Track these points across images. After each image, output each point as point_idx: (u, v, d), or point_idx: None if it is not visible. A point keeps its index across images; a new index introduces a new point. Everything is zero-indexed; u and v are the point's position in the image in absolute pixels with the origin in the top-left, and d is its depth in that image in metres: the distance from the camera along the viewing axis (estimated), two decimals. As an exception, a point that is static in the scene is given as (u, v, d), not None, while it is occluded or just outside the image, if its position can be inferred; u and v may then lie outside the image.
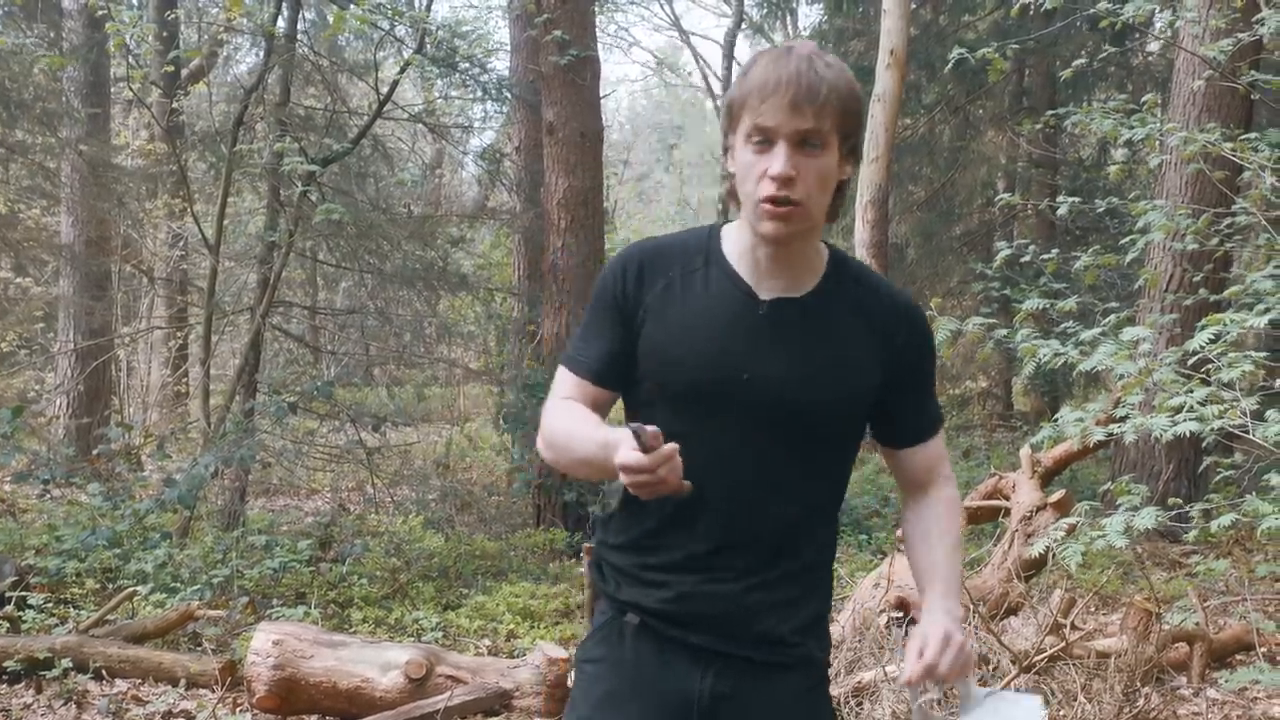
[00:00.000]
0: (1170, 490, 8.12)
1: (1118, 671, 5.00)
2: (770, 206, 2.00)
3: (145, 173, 13.63)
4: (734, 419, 2.08)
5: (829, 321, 2.13)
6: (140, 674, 5.58)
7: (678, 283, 2.13)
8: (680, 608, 2.13)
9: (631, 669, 2.17)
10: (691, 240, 2.20)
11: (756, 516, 2.11)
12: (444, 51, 10.46)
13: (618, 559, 2.22)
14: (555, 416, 2.15)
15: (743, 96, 2.02)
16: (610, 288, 2.16)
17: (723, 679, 2.13)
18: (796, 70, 1.98)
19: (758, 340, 2.09)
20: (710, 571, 2.12)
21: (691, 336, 2.10)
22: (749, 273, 2.13)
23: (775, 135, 1.98)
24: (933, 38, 17.12)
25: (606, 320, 2.17)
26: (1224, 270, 7.57)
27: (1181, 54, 8.50)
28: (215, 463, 7.70)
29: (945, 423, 2.38)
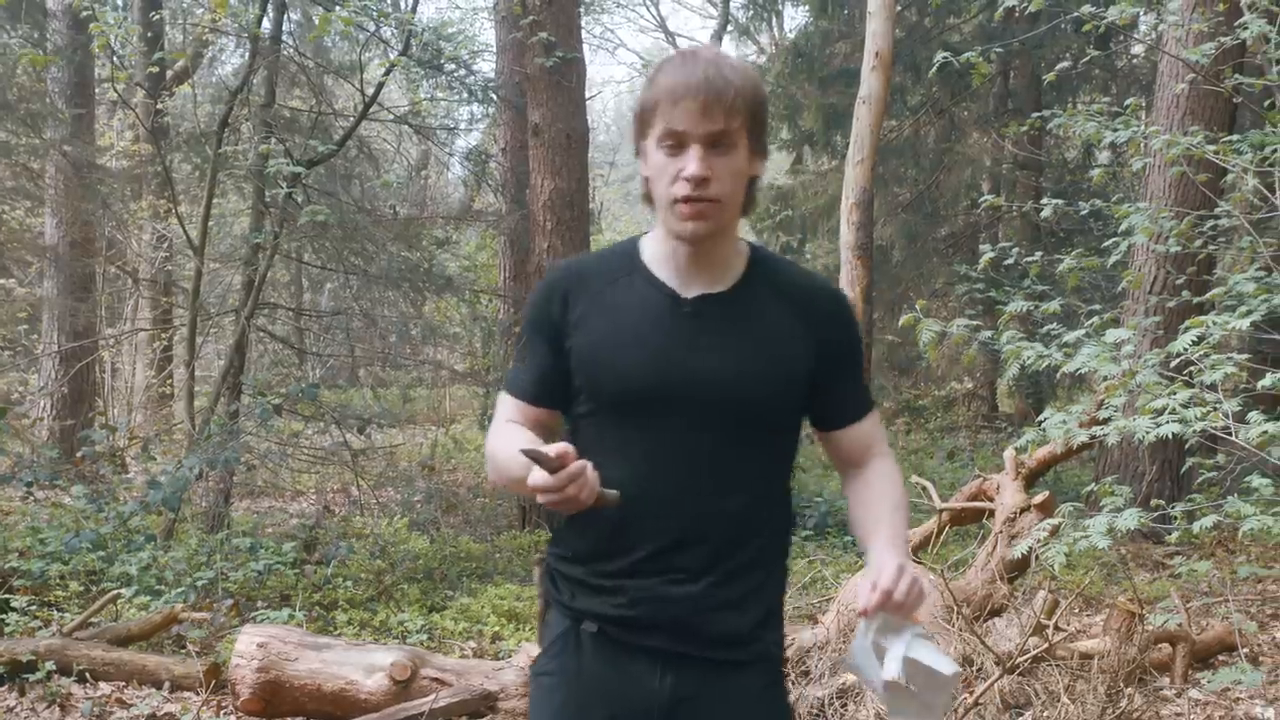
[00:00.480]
0: (1153, 491, 8.15)
1: (1101, 672, 5.02)
2: (686, 206, 2.05)
3: (130, 174, 13.60)
4: (673, 419, 2.11)
5: (755, 313, 2.17)
6: (124, 677, 5.57)
7: (604, 295, 2.17)
8: (637, 612, 2.14)
9: (591, 678, 2.18)
10: (613, 254, 2.25)
11: (705, 514, 2.13)
12: (429, 53, 10.45)
13: (571, 569, 2.22)
14: (494, 439, 2.21)
15: (653, 101, 2.07)
16: (538, 311, 2.22)
17: (682, 681, 2.15)
18: (705, 75, 2.03)
19: (686, 338, 2.13)
20: (664, 574, 2.13)
21: (621, 344, 2.14)
22: (671, 275, 2.17)
23: (687, 138, 2.04)
24: (918, 40, 17.16)
25: (537, 342, 2.22)
26: (1207, 272, 7.60)
27: (1165, 57, 8.54)
28: (200, 465, 7.68)
29: (877, 405, 2.43)
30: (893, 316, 16.78)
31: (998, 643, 5.16)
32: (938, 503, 7.24)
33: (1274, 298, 5.06)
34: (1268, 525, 4.23)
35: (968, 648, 5.00)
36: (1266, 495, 4.55)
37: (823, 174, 19.29)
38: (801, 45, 19.09)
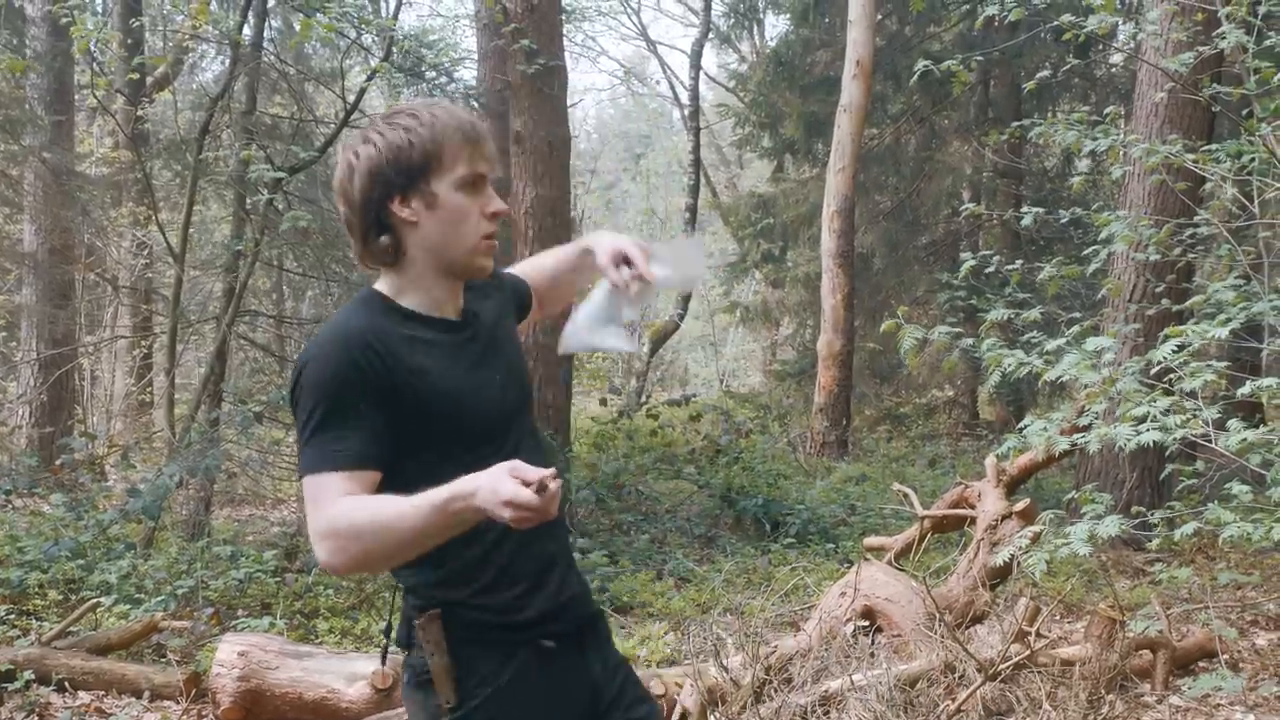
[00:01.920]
0: (1134, 498, 8.18)
1: (1082, 679, 5.03)
2: (487, 241, 2.21)
3: (109, 180, 13.56)
4: (509, 436, 2.25)
5: (487, 313, 2.34)
6: (104, 686, 5.54)
7: (406, 347, 2.14)
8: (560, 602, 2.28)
9: (556, 694, 2.25)
10: (373, 316, 2.18)
11: None
12: (411, 60, 10.44)
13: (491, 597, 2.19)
14: (342, 516, 2.00)
15: (438, 147, 2.14)
16: (351, 376, 2.07)
17: (594, 654, 2.35)
18: (473, 121, 2.20)
19: (481, 357, 2.27)
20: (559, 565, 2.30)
21: (461, 381, 2.20)
22: (433, 309, 2.24)
23: (484, 180, 2.20)
24: (898, 48, 17.23)
25: (355, 408, 2.07)
26: (1186, 280, 7.63)
27: (1144, 66, 8.58)
28: (180, 473, 7.66)
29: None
30: (874, 324, 16.84)
31: (979, 650, 5.17)
32: (919, 510, 7.26)
33: (1252, 306, 5.09)
34: (1247, 532, 4.25)
35: (950, 655, 5.00)
36: (1246, 502, 4.57)
37: (804, 182, 19.34)
38: (783, 53, 19.17)
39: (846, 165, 14.58)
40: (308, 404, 2.07)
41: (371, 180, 2.14)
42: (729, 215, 21.68)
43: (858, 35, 14.42)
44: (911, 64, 6.88)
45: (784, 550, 8.74)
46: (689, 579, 8.04)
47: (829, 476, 12.45)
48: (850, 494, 11.26)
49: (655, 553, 8.87)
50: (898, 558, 7.15)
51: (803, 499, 10.53)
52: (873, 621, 5.76)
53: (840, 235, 14.63)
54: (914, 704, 4.83)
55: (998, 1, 5.94)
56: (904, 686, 4.88)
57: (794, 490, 11.15)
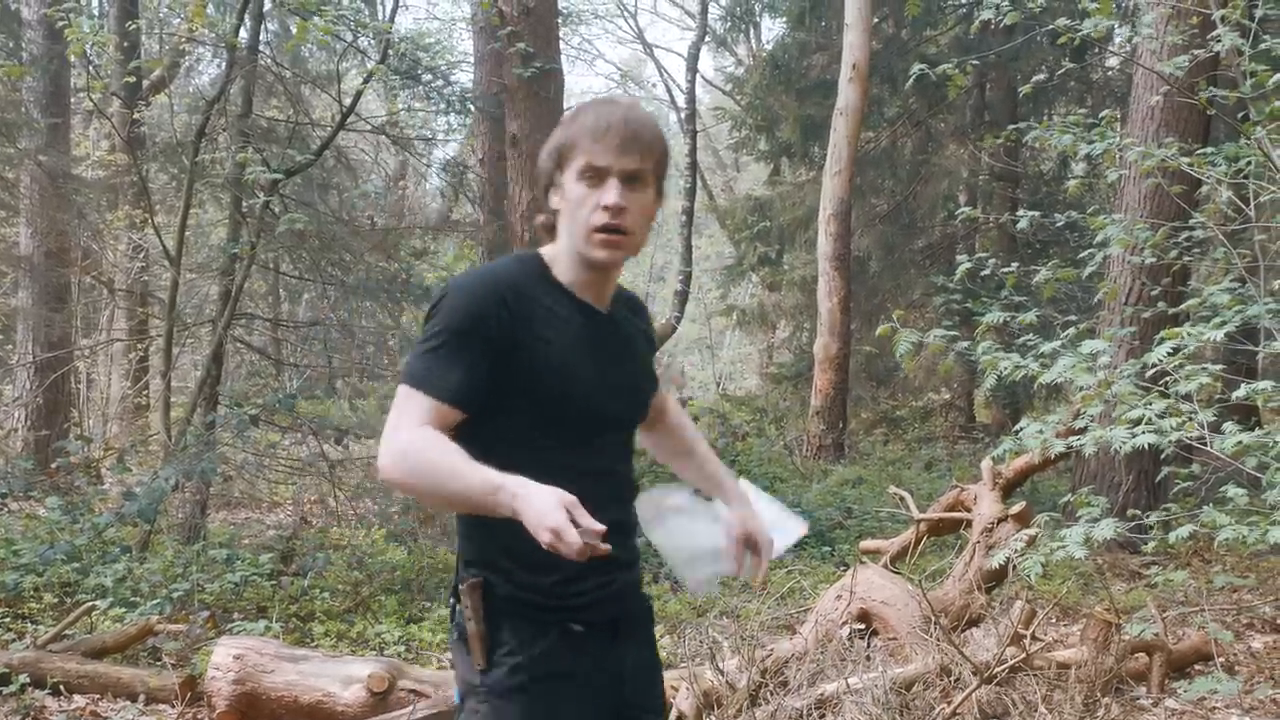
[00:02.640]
0: (1130, 501, 8.19)
1: (1078, 682, 5.04)
2: (604, 235, 2.25)
3: (106, 184, 13.54)
4: (608, 430, 2.37)
5: (628, 323, 2.48)
6: (99, 689, 5.53)
7: (541, 309, 2.28)
8: (608, 592, 2.34)
9: (587, 673, 2.32)
10: (526, 269, 2.35)
11: (619, 496, 2.39)
12: (407, 63, 10.44)
13: (533, 576, 2.27)
14: (419, 442, 2.14)
15: (574, 139, 2.27)
16: (476, 316, 2.22)
17: (628, 648, 2.41)
18: (624, 118, 2.26)
19: (608, 351, 2.37)
20: (602, 564, 2.26)
21: (575, 361, 2.29)
22: (588, 296, 2.36)
23: (607, 173, 2.24)
24: (895, 52, 17.25)
25: (473, 349, 2.21)
26: (1182, 284, 7.63)
27: (1140, 69, 8.59)
28: (176, 476, 7.65)
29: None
30: (870, 327, 16.84)
31: (975, 653, 5.17)
32: (915, 513, 7.27)
33: (1248, 309, 5.09)
34: (1243, 535, 4.25)
35: (945, 658, 5.00)
36: (1241, 505, 4.57)
37: (800, 185, 19.35)
38: (779, 56, 19.18)
39: (843, 168, 14.59)
40: (436, 326, 2.24)
41: (542, 164, 2.36)
42: (725, 218, 21.69)
43: (854, 39, 14.43)
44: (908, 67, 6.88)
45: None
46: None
47: (825, 479, 12.45)
48: (847, 497, 11.26)
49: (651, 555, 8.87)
50: (894, 561, 7.15)
51: (799, 502, 10.52)
52: (869, 624, 5.76)
53: (837, 238, 14.64)
54: (910, 707, 4.83)
55: (993, 5, 5.94)
56: (900, 690, 4.88)
57: (790, 493, 11.14)
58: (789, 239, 19.12)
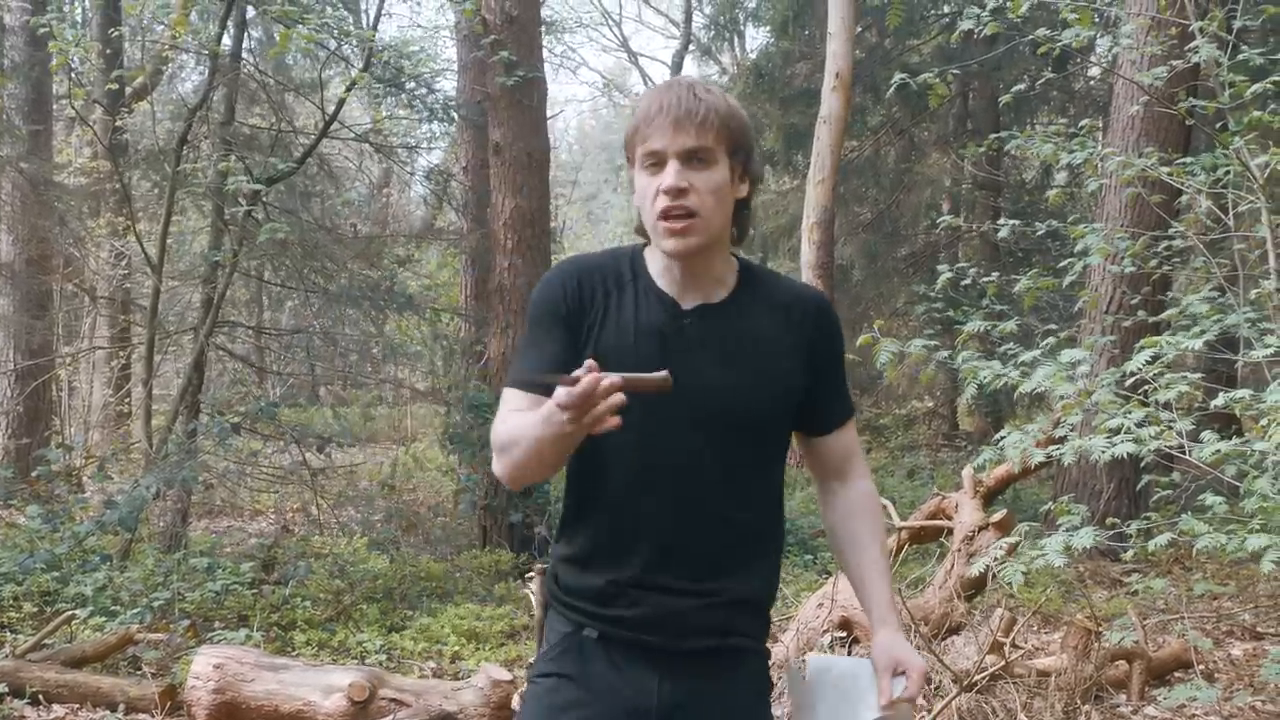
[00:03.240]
0: (1110, 510, 8.20)
1: (1058, 690, 5.05)
2: (667, 222, 2.14)
3: (87, 191, 13.48)
4: (674, 427, 2.16)
5: (749, 323, 2.25)
6: (78, 699, 5.51)
7: (613, 295, 2.23)
8: (638, 613, 2.19)
9: (591, 681, 2.22)
10: (618, 258, 2.30)
11: (704, 521, 2.20)
12: (390, 71, 10.44)
13: (573, 573, 2.27)
14: (500, 427, 2.16)
15: (633, 130, 2.18)
16: (551, 300, 2.24)
17: (679, 685, 2.20)
18: (677, 96, 2.14)
19: (686, 347, 2.20)
20: (663, 576, 2.19)
21: (627, 349, 2.18)
22: (670, 287, 2.24)
23: (664, 155, 2.13)
24: (878, 61, 17.29)
25: (553, 331, 2.22)
26: (1162, 293, 7.69)
27: (1120, 80, 8.64)
28: (157, 484, 7.63)
29: (857, 415, 2.53)
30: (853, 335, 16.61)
31: (956, 661, 5.19)
32: (897, 521, 7.27)
33: (1227, 318, 5.12)
34: (1222, 543, 4.26)
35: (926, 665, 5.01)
36: (1220, 513, 4.59)
37: (784, 193, 19.38)
38: (763, 65, 19.21)
39: (826, 177, 14.59)
40: (527, 318, 2.27)
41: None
42: (709, 226, 21.67)
43: (837, 48, 14.44)
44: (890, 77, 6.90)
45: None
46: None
47: (808, 487, 12.46)
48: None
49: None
50: (876, 569, 7.15)
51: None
52: (850, 633, 5.76)
53: (820, 246, 14.64)
54: (891, 715, 4.84)
55: (975, 15, 5.97)
56: (881, 698, 4.88)
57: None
58: (772, 247, 19.15)
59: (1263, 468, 4.44)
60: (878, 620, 2.34)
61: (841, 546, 2.43)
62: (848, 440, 2.43)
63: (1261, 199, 5.19)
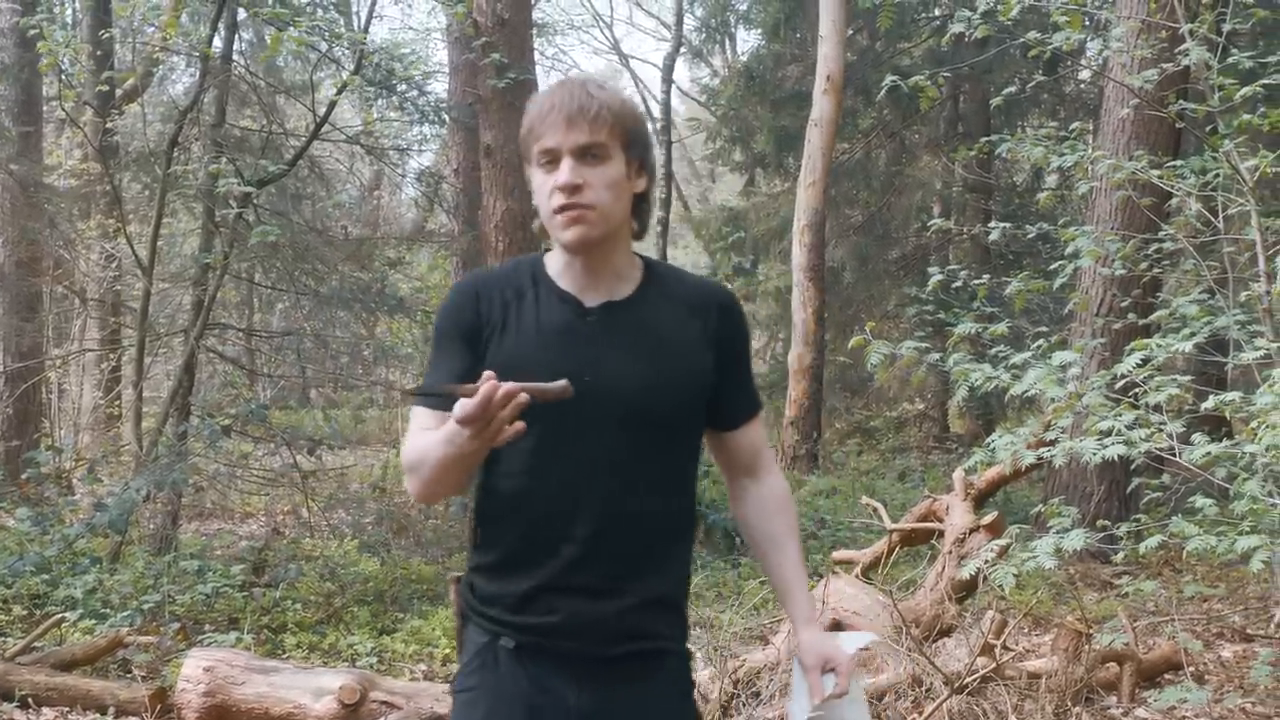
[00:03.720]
0: (1101, 512, 8.22)
1: (1049, 692, 5.05)
2: (562, 215, 2.14)
3: (78, 193, 13.45)
4: (586, 427, 2.16)
5: (656, 319, 2.26)
6: (68, 702, 5.49)
7: (512, 304, 2.23)
8: (555, 620, 2.18)
9: (510, 693, 2.21)
10: (519, 267, 2.32)
11: (620, 520, 2.19)
12: (381, 73, 10.43)
13: (489, 582, 2.26)
14: (408, 446, 2.16)
15: (528, 129, 2.19)
16: (453, 317, 2.25)
17: (598, 693, 2.20)
18: (570, 93, 2.16)
19: (592, 346, 2.20)
20: (577, 581, 2.18)
21: (529, 353, 2.19)
22: (572, 286, 2.24)
23: (558, 153, 2.14)
24: (869, 63, 17.32)
25: (453, 348, 2.23)
26: (1152, 295, 7.69)
27: (1110, 83, 8.65)
28: (147, 486, 7.61)
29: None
30: (844, 337, 16.90)
31: (946, 663, 5.19)
32: (888, 523, 7.29)
33: (1216, 320, 5.14)
34: (1212, 545, 4.27)
35: (917, 668, 5.02)
36: (1211, 515, 4.60)
37: (775, 196, 19.41)
38: (754, 68, 19.25)
39: (817, 179, 14.62)
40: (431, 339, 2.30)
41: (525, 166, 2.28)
42: (700, 229, 21.74)
43: (828, 50, 14.47)
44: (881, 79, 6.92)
45: (753, 564, 8.73)
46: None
47: (799, 489, 12.47)
48: (820, 507, 11.28)
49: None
50: (866, 571, 7.16)
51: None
52: (841, 635, 5.76)
53: (811, 249, 14.67)
54: (881, 717, 4.85)
55: (965, 18, 5.98)
56: (872, 699, 4.89)
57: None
58: (763, 250, 19.17)
59: (1253, 470, 4.46)
60: (801, 620, 2.38)
61: (760, 545, 2.44)
62: (756, 436, 2.44)
63: (1251, 202, 5.21)
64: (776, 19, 18.17)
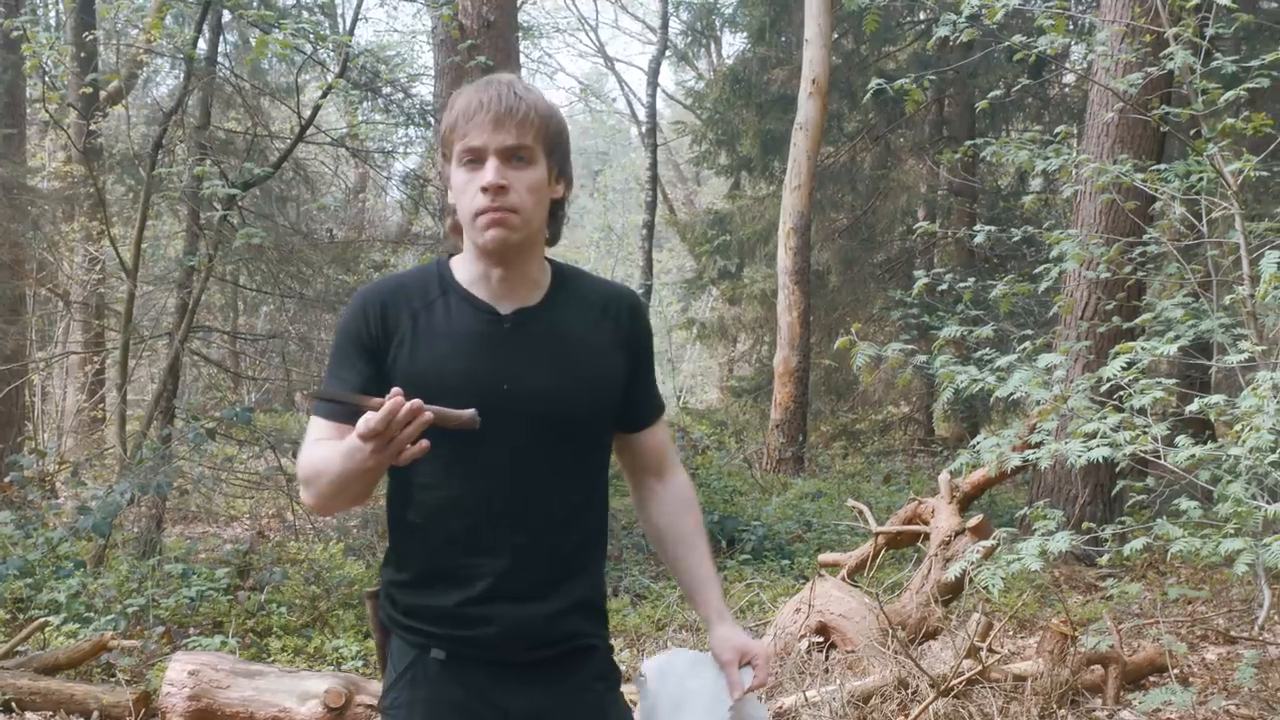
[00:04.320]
0: (1085, 514, 8.26)
1: (1034, 694, 5.07)
2: (485, 216, 2.11)
3: (62, 195, 13.40)
4: (502, 434, 2.13)
5: (568, 324, 2.25)
6: (51, 706, 5.47)
7: (421, 315, 2.20)
8: (488, 632, 2.18)
9: (443, 703, 2.20)
10: (423, 274, 2.28)
11: (540, 526, 2.19)
12: (367, 76, 10.42)
13: (412, 594, 2.23)
14: (305, 457, 2.14)
15: (451, 125, 2.16)
16: (355, 328, 2.20)
17: (531, 695, 2.21)
18: (497, 93, 2.13)
19: (509, 353, 2.19)
20: (505, 590, 2.18)
21: (444, 362, 2.16)
22: (485, 293, 2.22)
23: (484, 153, 2.12)
24: (854, 67, 17.36)
25: (353, 359, 2.19)
26: (1136, 298, 7.72)
27: (1095, 87, 8.68)
28: (131, 490, 7.58)
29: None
30: (830, 340, 16.91)
31: (932, 665, 5.20)
32: (874, 526, 7.30)
33: (1201, 323, 5.16)
34: (1196, 547, 4.29)
35: (903, 670, 5.02)
36: (1195, 518, 4.62)
37: (760, 199, 19.43)
38: (739, 71, 19.27)
39: (802, 183, 14.65)
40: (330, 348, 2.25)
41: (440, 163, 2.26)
42: (686, 232, 21.75)
43: (814, 54, 14.50)
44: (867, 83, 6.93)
45: (740, 566, 8.74)
46: (645, 595, 8.04)
47: (785, 493, 12.49)
48: (806, 510, 11.29)
49: (611, 569, 8.86)
50: (852, 574, 7.17)
51: (759, 515, 10.55)
52: (827, 637, 5.78)
53: (796, 252, 14.70)
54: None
55: (950, 22, 6.00)
56: (857, 702, 4.90)
57: (750, 506, 11.17)
58: (749, 253, 19.19)
59: (1237, 472, 4.47)
60: (715, 615, 2.38)
61: (670, 544, 2.45)
62: (662, 436, 2.46)
63: (1235, 205, 5.23)
64: (762, 23, 18.20)
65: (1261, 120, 5.33)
